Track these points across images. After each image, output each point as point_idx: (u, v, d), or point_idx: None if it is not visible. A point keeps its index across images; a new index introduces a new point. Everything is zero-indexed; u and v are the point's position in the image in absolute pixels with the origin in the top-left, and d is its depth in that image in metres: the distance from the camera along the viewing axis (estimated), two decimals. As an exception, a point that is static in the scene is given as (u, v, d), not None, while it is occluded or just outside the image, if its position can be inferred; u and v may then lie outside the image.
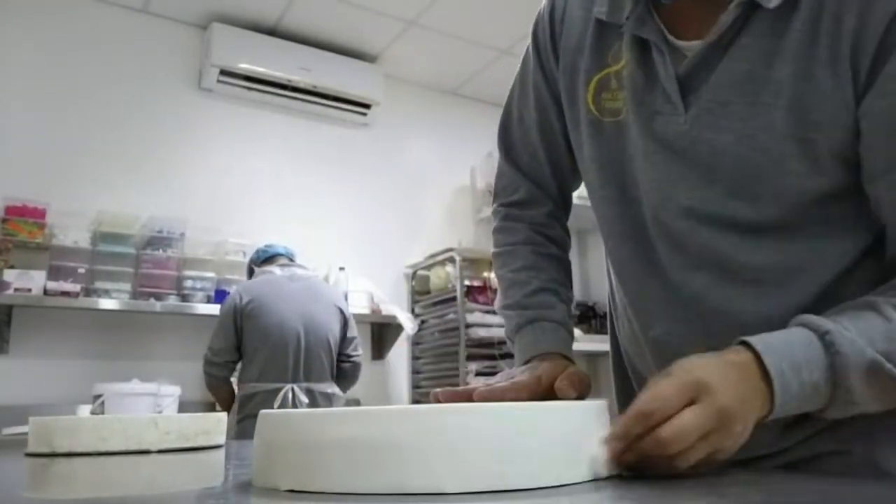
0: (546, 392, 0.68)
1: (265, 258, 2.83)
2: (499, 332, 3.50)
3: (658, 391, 0.53)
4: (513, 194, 0.91)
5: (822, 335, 0.57)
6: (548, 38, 0.83)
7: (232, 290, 2.79)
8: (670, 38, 0.69)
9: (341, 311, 2.78)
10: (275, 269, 2.73)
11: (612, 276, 0.84)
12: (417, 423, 0.47)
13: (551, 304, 0.83)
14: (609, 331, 0.92)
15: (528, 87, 0.87)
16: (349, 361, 2.81)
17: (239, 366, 2.64)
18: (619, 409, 0.87)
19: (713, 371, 0.55)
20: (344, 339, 2.78)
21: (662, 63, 0.69)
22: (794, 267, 0.67)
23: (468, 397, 0.66)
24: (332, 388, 2.69)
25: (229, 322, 2.58)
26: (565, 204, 0.92)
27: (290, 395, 2.53)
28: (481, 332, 3.43)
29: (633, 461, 0.52)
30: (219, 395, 2.68)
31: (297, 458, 0.49)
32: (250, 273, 2.86)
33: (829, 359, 0.57)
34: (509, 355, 3.62)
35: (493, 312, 3.53)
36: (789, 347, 0.57)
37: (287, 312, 2.59)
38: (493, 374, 3.46)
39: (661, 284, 0.73)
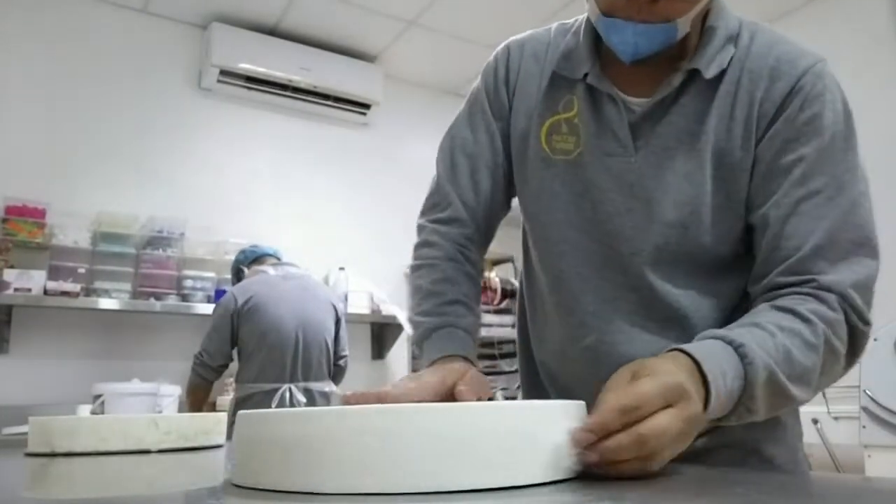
0: (449, 392, 0.74)
1: (253, 258, 2.81)
2: (499, 332, 3.50)
3: (640, 389, 0.55)
4: (442, 211, 0.98)
5: (737, 348, 0.65)
6: (501, 83, 0.95)
7: (226, 291, 2.78)
8: (619, 93, 0.83)
9: (335, 309, 2.78)
10: (268, 269, 2.72)
11: (544, 287, 0.93)
12: (398, 420, 0.47)
13: (462, 315, 0.89)
14: (518, 331, 1.03)
15: (478, 122, 0.96)
16: (342, 358, 2.80)
17: (236, 366, 2.63)
18: (524, 393, 1.01)
19: (686, 377, 0.59)
20: (337, 337, 2.78)
21: (617, 112, 0.83)
22: (706, 302, 0.82)
23: (379, 399, 0.69)
24: (330, 387, 2.69)
25: (225, 324, 2.56)
26: (488, 231, 1.00)
27: (287, 395, 2.52)
28: (481, 332, 3.43)
29: (595, 462, 0.52)
30: (197, 396, 2.64)
31: (277, 457, 0.50)
32: (236, 274, 2.83)
33: (743, 369, 0.64)
34: (509, 355, 3.65)
35: (493, 312, 3.54)
36: (717, 356, 0.64)
37: (284, 312, 2.58)
38: (493, 373, 3.46)
39: (599, 300, 0.85)
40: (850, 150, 0.77)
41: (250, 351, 2.57)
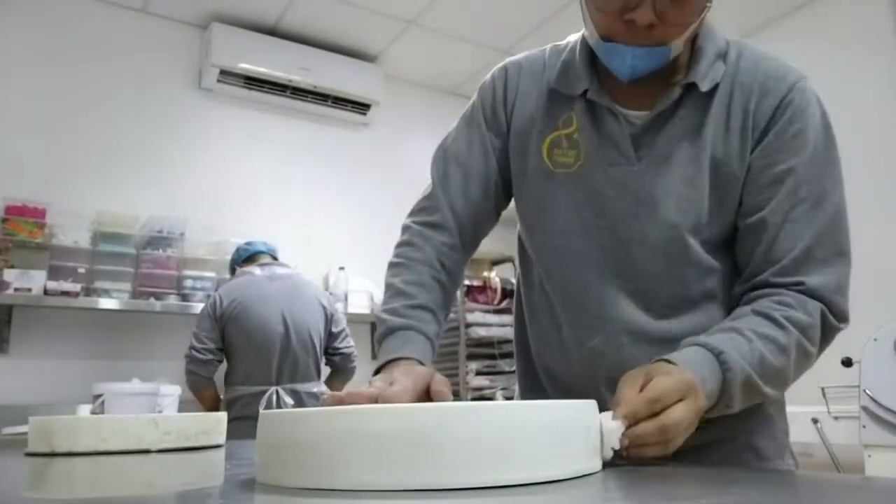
0: (422, 394, 0.76)
1: (247, 256, 2.81)
2: (499, 332, 3.50)
3: (661, 385, 0.67)
4: (430, 216, 1.01)
5: (717, 355, 0.75)
6: (500, 102, 0.99)
7: (213, 292, 2.77)
8: (619, 108, 0.89)
9: (324, 307, 2.75)
10: (254, 270, 2.70)
11: (548, 292, 0.97)
12: (426, 419, 0.47)
13: (427, 321, 0.92)
14: (515, 334, 1.06)
15: (473, 136, 1.01)
16: (338, 354, 2.78)
17: (224, 368, 2.63)
18: (521, 393, 1.05)
19: (691, 376, 0.70)
20: (330, 335, 2.76)
21: (617, 125, 0.88)
22: (706, 297, 0.88)
23: (372, 399, 0.71)
24: (320, 387, 2.67)
25: (210, 324, 2.56)
26: (472, 242, 1.02)
27: (274, 398, 2.51)
28: (481, 332, 3.43)
29: (625, 445, 0.62)
30: (203, 396, 2.63)
31: (303, 456, 0.50)
32: (233, 272, 2.83)
33: (722, 374, 0.74)
34: (509, 355, 3.64)
35: (493, 312, 3.54)
36: (698, 364, 0.73)
37: (269, 314, 2.57)
38: (493, 373, 3.46)
39: (604, 303, 0.90)
40: (832, 161, 0.85)
41: (237, 353, 2.57)
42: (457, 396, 3.36)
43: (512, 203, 1.02)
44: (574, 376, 0.94)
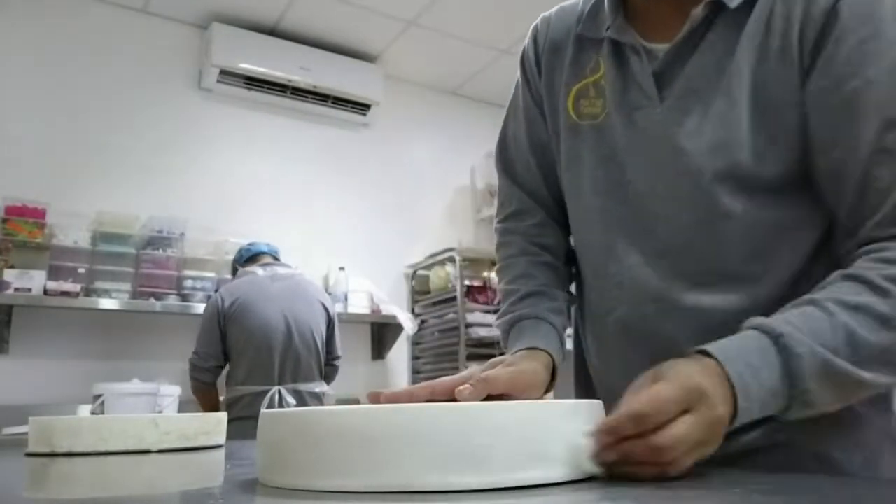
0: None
1: (248, 257, 2.81)
2: (499, 332, 3.50)
3: (656, 395, 0.53)
4: (508, 207, 0.97)
5: (776, 339, 0.59)
6: (533, 63, 0.93)
7: (215, 292, 2.77)
8: (644, 42, 0.78)
9: (326, 309, 2.76)
10: (257, 270, 2.71)
11: (581, 265, 0.89)
12: (427, 419, 0.47)
13: (535, 304, 0.87)
14: (573, 318, 0.96)
15: (520, 108, 0.95)
16: (329, 364, 2.79)
17: (226, 368, 2.63)
18: (574, 377, 0.94)
19: (706, 379, 0.56)
20: (331, 338, 2.77)
21: (639, 63, 0.77)
22: (758, 259, 0.72)
23: (398, 399, 0.70)
24: (321, 387, 2.67)
25: (213, 325, 2.56)
26: (561, 211, 0.94)
27: (276, 398, 2.51)
28: (481, 332, 3.43)
29: (616, 461, 0.51)
30: (204, 400, 2.64)
31: (303, 456, 0.50)
32: (234, 273, 2.83)
33: (783, 362, 0.58)
34: (509, 355, 3.64)
35: (493, 312, 3.54)
36: (746, 353, 0.59)
37: (271, 313, 2.57)
38: (493, 374, 3.46)
39: (627, 269, 0.79)
40: None
41: (239, 353, 2.57)
42: (457, 396, 3.36)
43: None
44: (608, 354, 0.85)
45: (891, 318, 0.60)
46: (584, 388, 0.94)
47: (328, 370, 2.79)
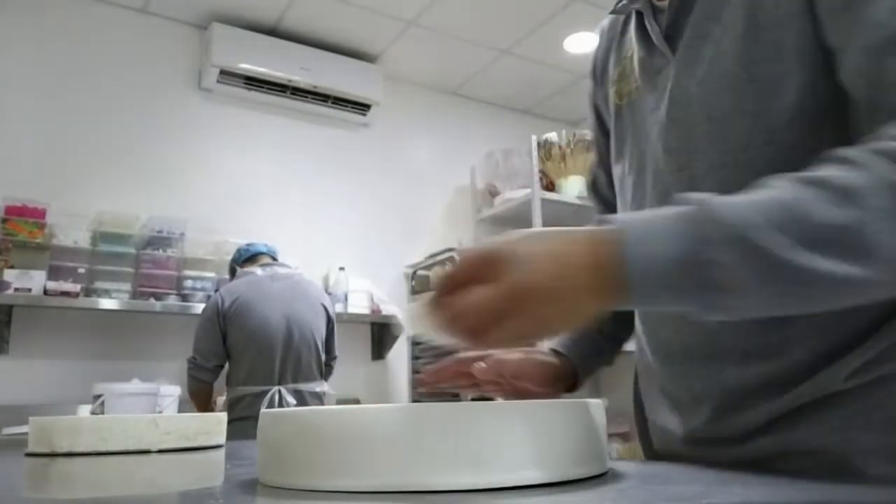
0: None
1: (247, 257, 2.81)
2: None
3: (462, 257, 0.51)
4: (600, 203, 0.98)
5: (699, 205, 0.49)
6: (598, 69, 0.91)
7: (215, 292, 2.77)
8: (655, 2, 0.75)
9: (325, 309, 2.76)
10: (256, 270, 2.71)
11: None
12: (428, 419, 0.47)
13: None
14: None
15: (594, 121, 0.94)
16: (327, 365, 2.79)
17: (226, 369, 2.63)
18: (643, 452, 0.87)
19: (525, 244, 0.50)
20: (329, 338, 2.77)
21: (651, 26, 0.74)
22: None
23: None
24: (322, 387, 2.67)
25: (214, 325, 2.56)
26: None
27: (276, 398, 2.51)
28: (481, 332, 3.43)
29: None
30: (200, 399, 2.63)
31: (304, 456, 0.49)
32: (232, 273, 2.83)
33: (692, 229, 0.48)
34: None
35: (493, 312, 3.54)
36: (653, 218, 0.50)
37: (271, 314, 2.57)
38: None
39: None
40: None
41: (239, 353, 2.57)
42: (456, 397, 3.36)
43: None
44: (647, 335, 0.79)
45: (858, 190, 0.47)
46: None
47: (325, 370, 2.79)
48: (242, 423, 2.20)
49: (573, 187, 3.81)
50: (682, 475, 0.52)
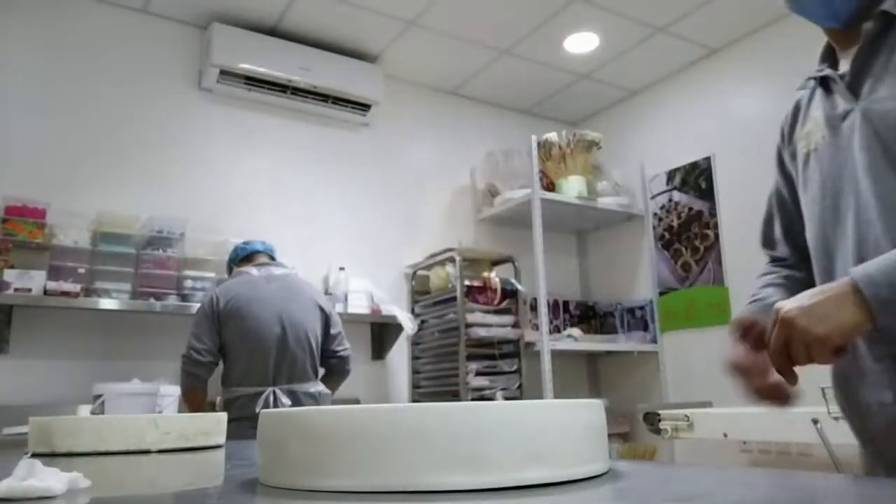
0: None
1: (244, 256, 2.80)
2: (499, 332, 3.50)
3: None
4: (771, 250, 1.20)
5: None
6: (786, 131, 1.12)
7: (210, 291, 2.75)
8: (838, 73, 0.97)
9: (321, 308, 2.75)
10: (251, 270, 2.70)
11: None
12: (429, 418, 0.47)
13: (766, 284, 1.12)
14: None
15: (778, 172, 1.15)
16: (335, 357, 2.77)
17: (220, 369, 2.62)
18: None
19: (792, 299, 0.78)
20: (327, 337, 2.75)
21: (837, 84, 0.95)
22: None
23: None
24: (317, 388, 2.66)
25: (210, 322, 2.55)
26: (799, 255, 1.13)
27: (270, 399, 2.51)
28: (481, 332, 3.43)
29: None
30: (195, 398, 2.58)
31: (304, 456, 0.49)
32: (230, 271, 2.83)
33: (854, 289, 0.75)
34: (509, 355, 3.63)
35: (493, 312, 3.54)
36: (886, 262, 0.75)
37: (265, 314, 2.56)
38: (493, 373, 3.46)
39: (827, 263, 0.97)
40: None
41: (233, 353, 2.56)
42: (456, 397, 3.36)
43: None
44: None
45: None
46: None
47: (336, 363, 2.77)
48: (238, 424, 2.20)
49: (573, 187, 3.81)
50: (683, 475, 0.52)
